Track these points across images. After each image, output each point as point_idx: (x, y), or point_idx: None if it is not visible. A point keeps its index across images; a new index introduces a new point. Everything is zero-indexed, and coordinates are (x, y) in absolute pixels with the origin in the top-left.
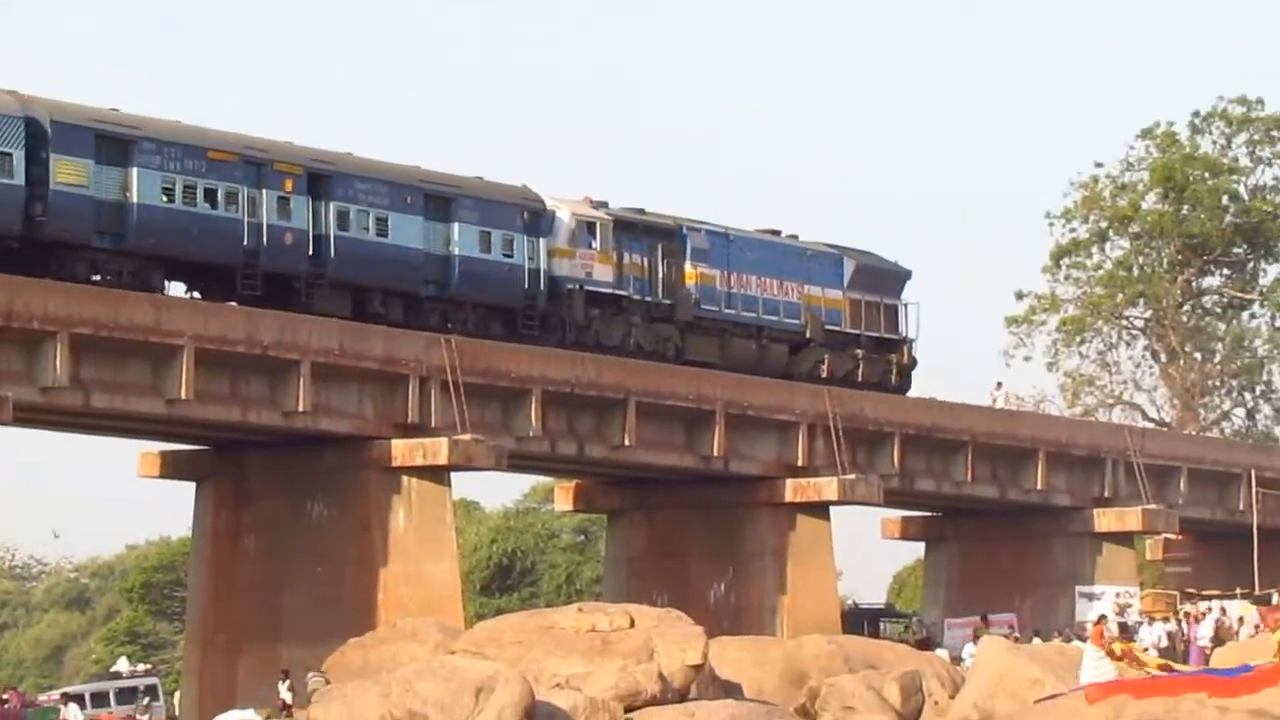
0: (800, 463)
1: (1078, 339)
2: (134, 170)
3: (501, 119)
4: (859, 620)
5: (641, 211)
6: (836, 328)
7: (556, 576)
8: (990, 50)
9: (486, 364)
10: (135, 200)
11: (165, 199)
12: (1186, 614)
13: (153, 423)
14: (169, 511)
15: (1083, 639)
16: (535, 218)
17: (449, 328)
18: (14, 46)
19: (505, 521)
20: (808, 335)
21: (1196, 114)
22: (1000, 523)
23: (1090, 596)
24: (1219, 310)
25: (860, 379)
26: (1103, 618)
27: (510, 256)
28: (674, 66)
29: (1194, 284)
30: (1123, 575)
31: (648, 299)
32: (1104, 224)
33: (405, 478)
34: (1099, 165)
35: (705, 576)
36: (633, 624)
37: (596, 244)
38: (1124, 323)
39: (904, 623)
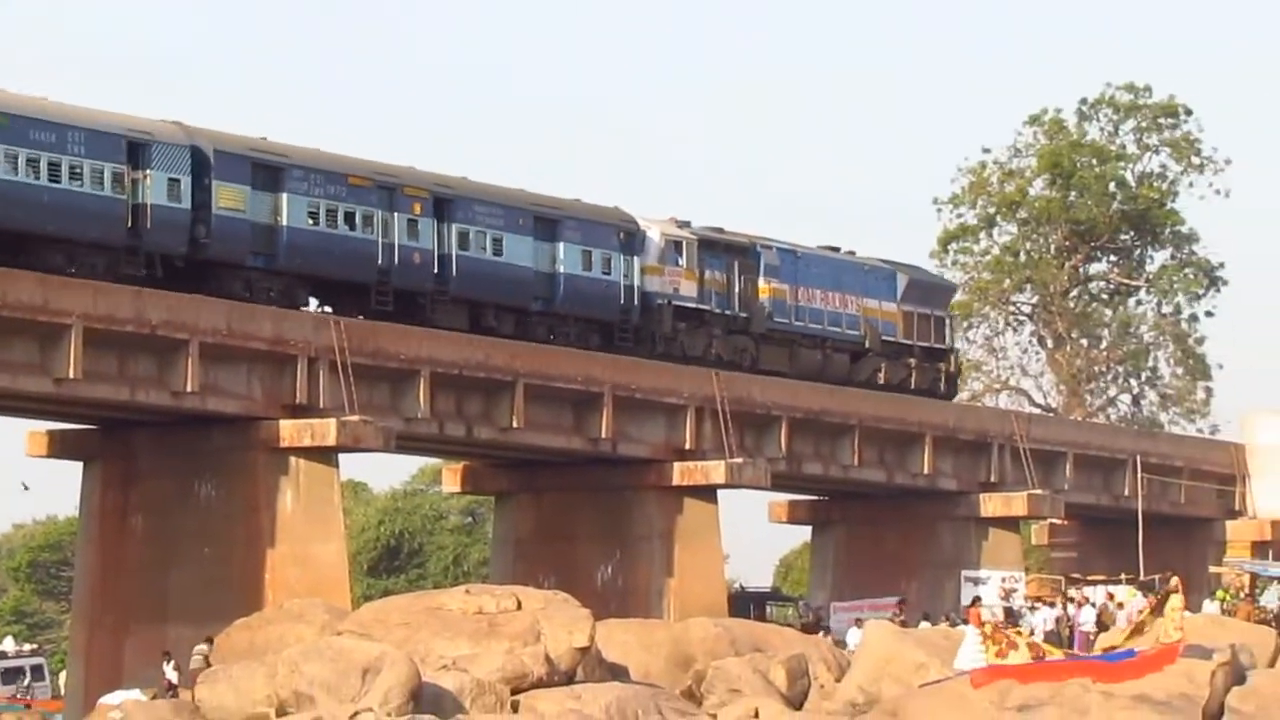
0: (688, 446)
1: (965, 324)
2: (284, 196)
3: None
4: (745, 603)
5: (720, 230)
6: (891, 338)
7: (444, 558)
8: (874, 37)
9: (375, 345)
10: (285, 223)
11: (311, 222)
12: (1071, 599)
13: (41, 402)
14: (57, 491)
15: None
16: (630, 237)
17: (552, 339)
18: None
19: (393, 503)
20: (866, 345)
21: (1084, 101)
22: (887, 506)
23: (976, 581)
24: (1105, 296)
25: (913, 386)
26: (976, 599)
27: (608, 274)
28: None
29: (1081, 270)
30: (1008, 560)
31: (727, 313)
32: (991, 210)
33: (293, 458)
34: (987, 151)
35: (592, 559)
36: (520, 606)
37: (683, 261)
38: (1011, 308)
39: (790, 606)
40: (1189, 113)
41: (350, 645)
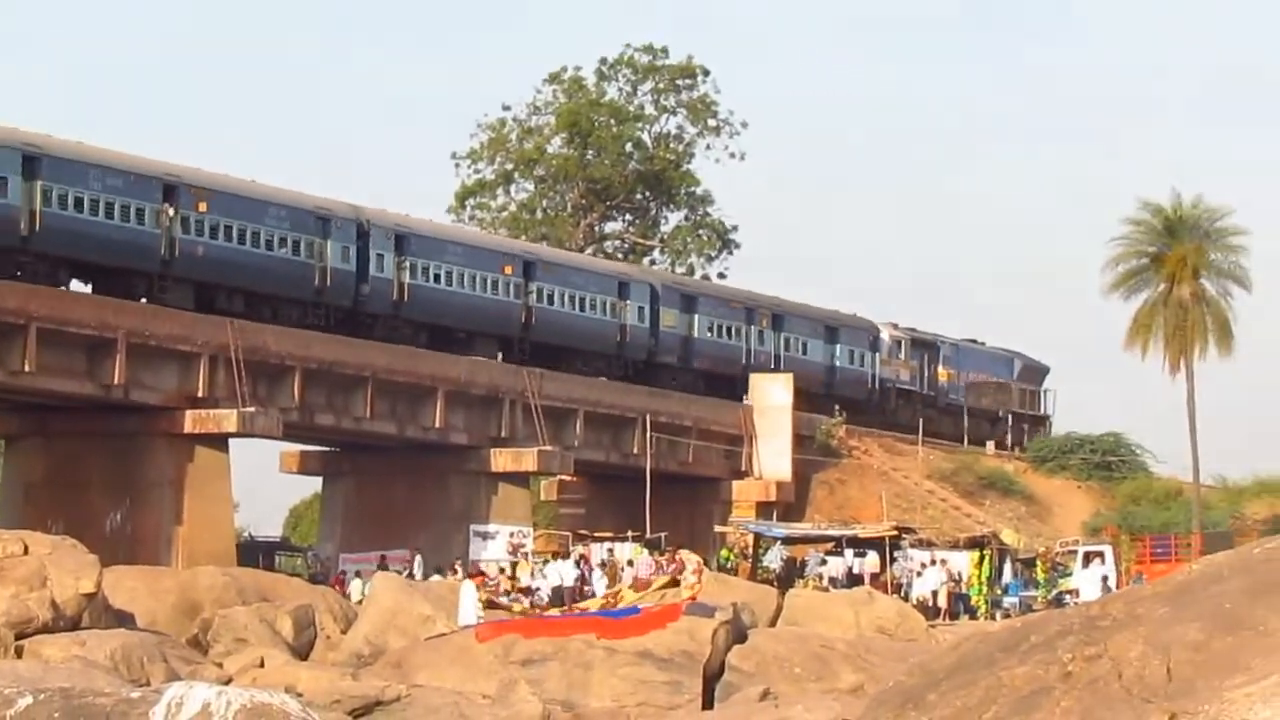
0: (201, 394)
1: None
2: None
3: None
4: (254, 553)
5: (913, 330)
6: (1014, 409)
7: None
8: None
9: None
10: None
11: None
12: (583, 556)
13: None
14: None
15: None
16: (875, 339)
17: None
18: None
19: None
20: (999, 414)
21: (604, 61)
22: (398, 459)
23: (485, 535)
24: (621, 255)
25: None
26: (481, 572)
27: (863, 366)
28: None
29: (597, 228)
30: (517, 515)
31: (924, 392)
32: (510, 166)
33: None
34: (506, 108)
35: (102, 506)
36: (26, 551)
37: (902, 355)
38: None
39: (299, 556)
40: (706, 74)
41: None
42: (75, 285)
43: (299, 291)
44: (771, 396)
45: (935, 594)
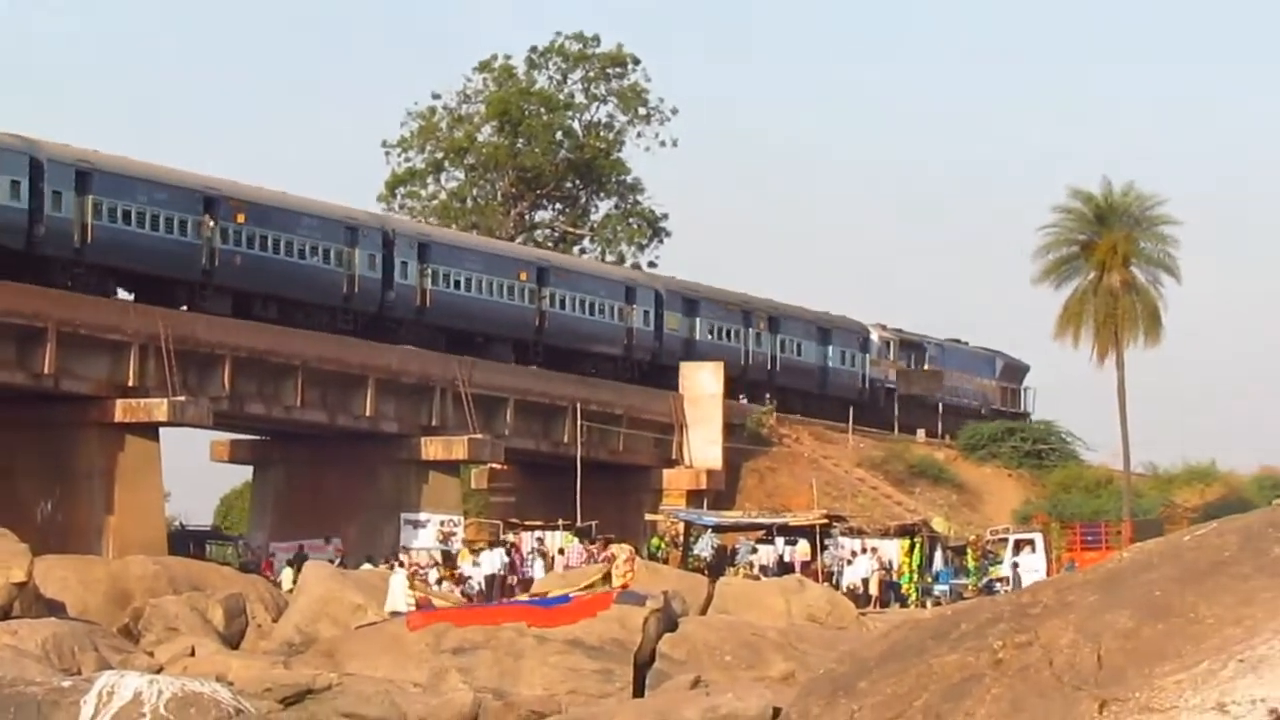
0: (131, 383)
1: None
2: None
3: None
4: (185, 542)
5: (900, 330)
6: (995, 406)
7: None
8: None
9: None
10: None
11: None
12: (514, 545)
13: None
14: None
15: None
16: (865, 340)
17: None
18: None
19: None
20: (982, 411)
21: (534, 49)
22: (329, 448)
23: (416, 524)
24: (551, 244)
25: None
26: (414, 565)
27: (854, 366)
28: None
29: (527, 217)
30: (448, 503)
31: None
32: (440, 155)
33: None
34: (436, 96)
35: (33, 495)
36: None
37: (890, 356)
38: None
39: (230, 545)
40: (636, 63)
41: None
42: (121, 294)
43: (329, 298)
44: (702, 385)
45: (866, 582)
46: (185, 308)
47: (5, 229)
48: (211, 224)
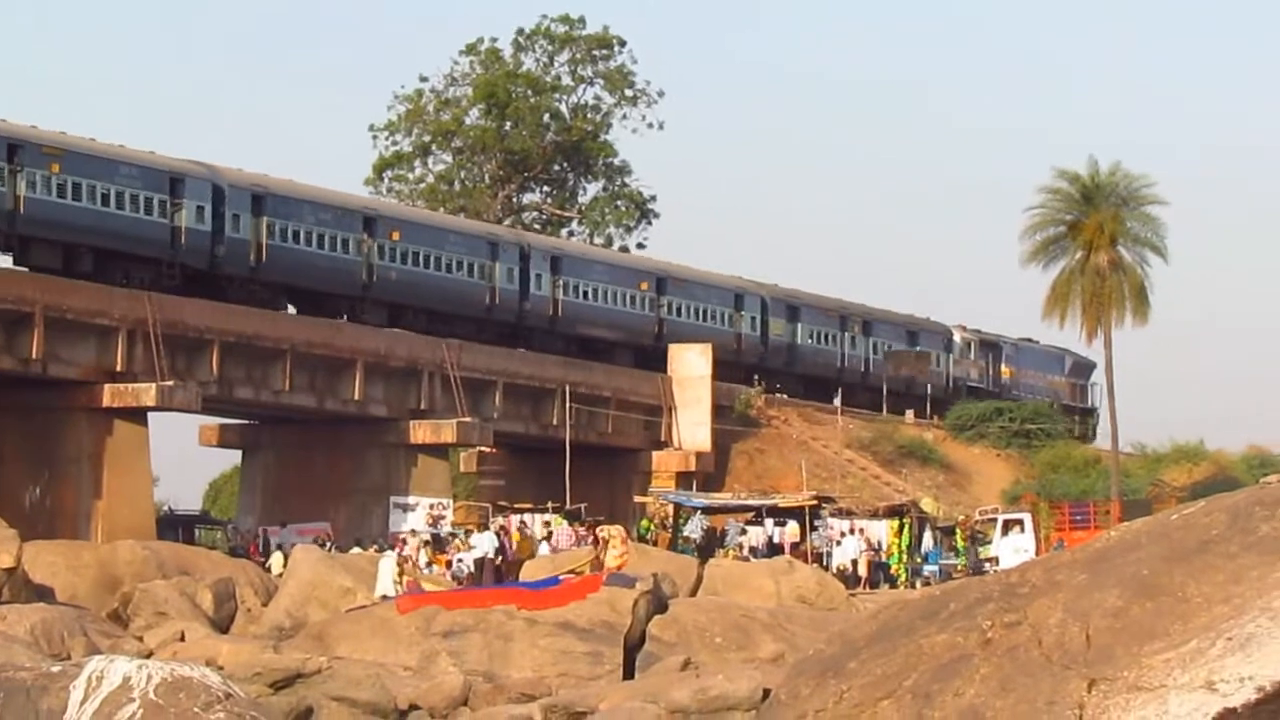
0: (119, 368)
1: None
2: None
3: None
4: (174, 527)
5: (979, 331)
6: (1065, 402)
7: None
8: None
9: None
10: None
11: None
12: (503, 527)
13: None
14: None
15: (393, 549)
16: (949, 341)
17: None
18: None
19: None
20: (1052, 406)
21: (521, 32)
22: (317, 432)
23: (405, 508)
24: (539, 227)
25: (1075, 434)
26: (402, 551)
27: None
28: None
29: (515, 200)
30: (436, 487)
31: (990, 389)
32: (427, 138)
33: None
34: (424, 79)
35: (21, 480)
36: None
37: (972, 356)
38: None
39: (219, 530)
40: (623, 45)
41: None
42: (290, 309)
43: (472, 309)
44: (690, 367)
45: (855, 563)
46: (345, 318)
47: (191, 250)
48: (370, 242)
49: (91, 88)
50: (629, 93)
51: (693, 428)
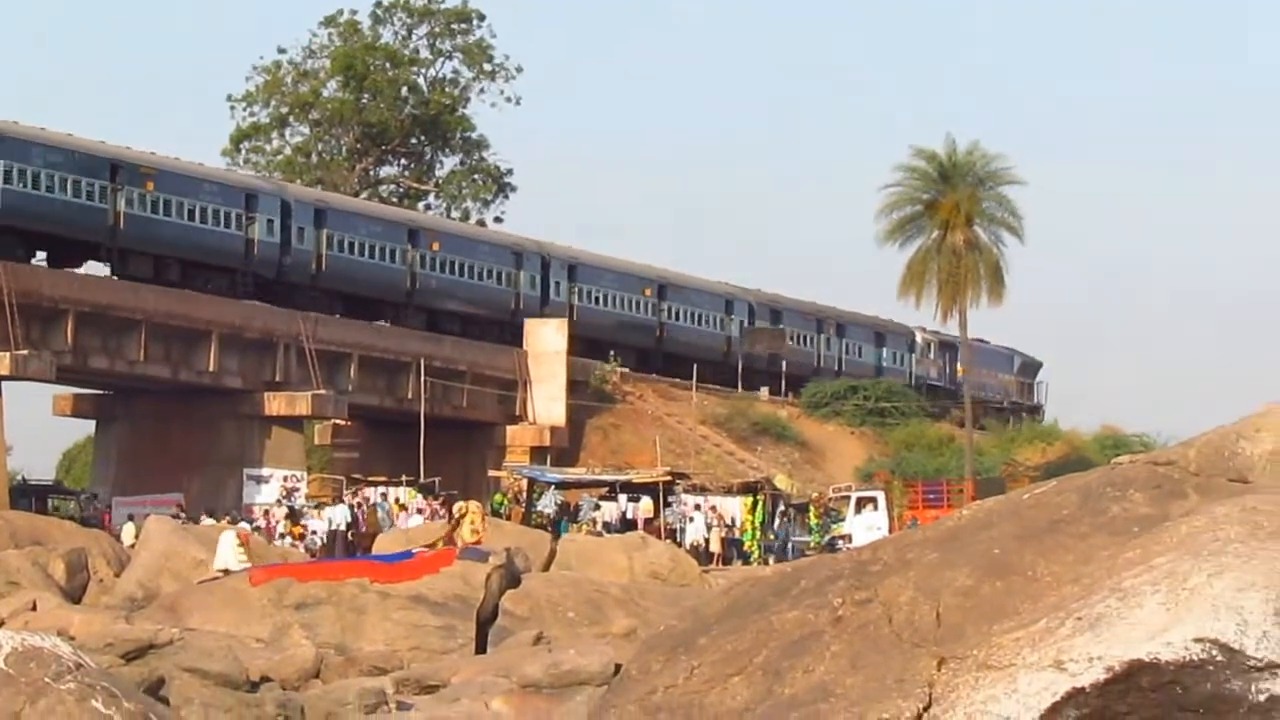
0: None
1: None
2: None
3: None
4: (27, 496)
5: (939, 333)
6: (1014, 400)
7: None
8: None
9: None
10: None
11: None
12: (360, 502)
13: None
14: None
15: (249, 521)
16: (911, 341)
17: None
18: None
19: None
20: (1003, 404)
21: (379, 4)
22: (172, 403)
23: (259, 479)
24: (396, 200)
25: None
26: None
27: (903, 366)
28: None
29: (372, 173)
30: (291, 459)
31: (947, 386)
32: (285, 110)
33: None
34: (282, 51)
35: None
36: None
37: (931, 355)
38: None
39: (72, 500)
40: (482, 19)
41: None
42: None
43: (500, 313)
44: (546, 341)
45: (708, 539)
46: (387, 323)
47: (262, 261)
48: (413, 252)
49: None
50: (487, 67)
51: (548, 402)
